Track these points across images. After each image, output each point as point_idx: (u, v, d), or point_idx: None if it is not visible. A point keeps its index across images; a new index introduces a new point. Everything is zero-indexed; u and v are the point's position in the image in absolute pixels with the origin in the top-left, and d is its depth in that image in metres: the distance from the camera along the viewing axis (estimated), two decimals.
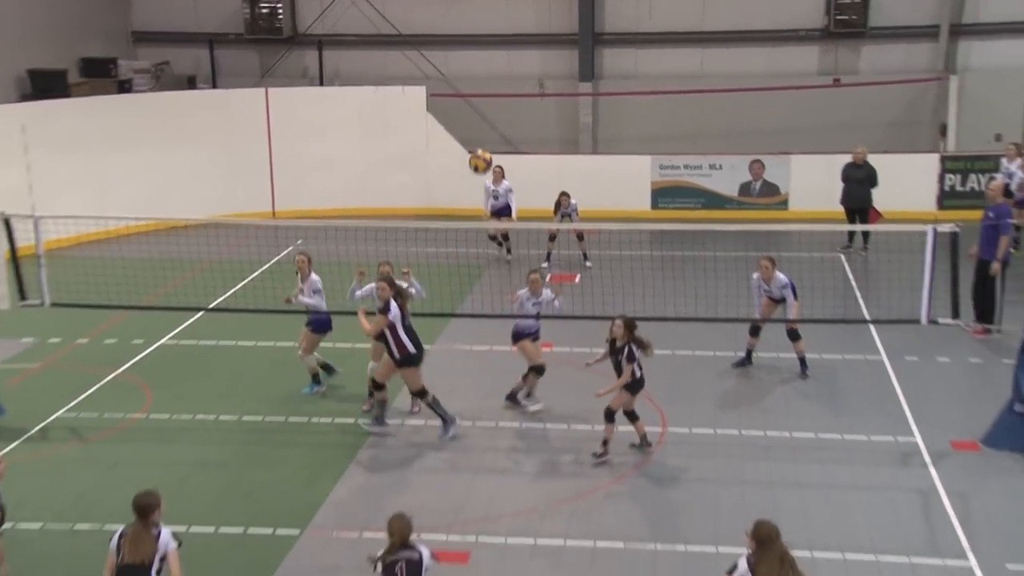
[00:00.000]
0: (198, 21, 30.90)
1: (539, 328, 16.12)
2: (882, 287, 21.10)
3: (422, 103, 28.28)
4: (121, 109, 26.71)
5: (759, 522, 9.07)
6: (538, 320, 15.99)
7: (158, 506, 9.57)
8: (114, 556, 9.57)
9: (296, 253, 16.56)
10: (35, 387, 17.19)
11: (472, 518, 12.92)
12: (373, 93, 28.37)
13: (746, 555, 8.97)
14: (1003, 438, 14.58)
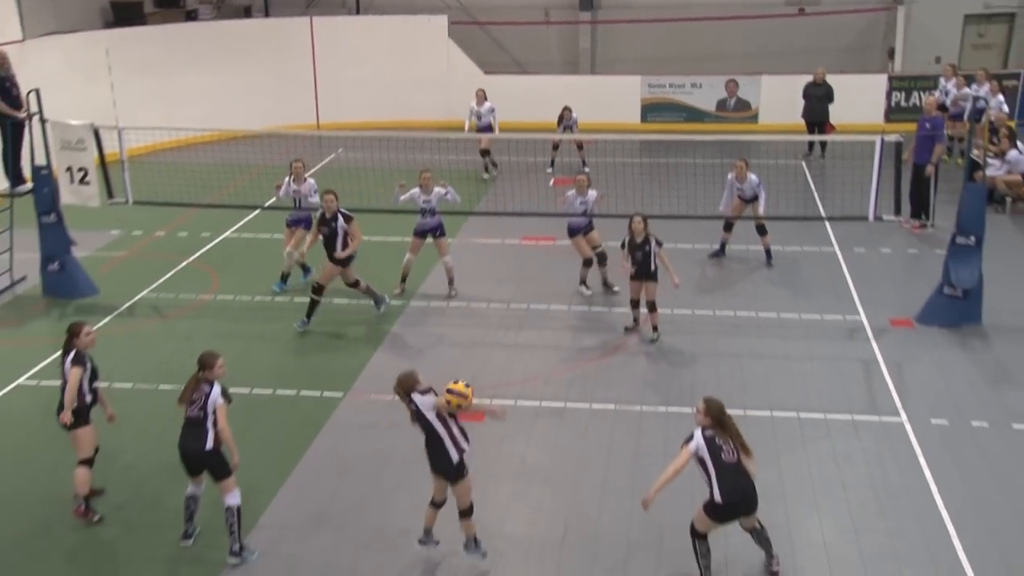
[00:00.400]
0: None
1: (588, 224, 16.06)
2: (836, 189, 21.01)
3: (444, 30, 28.09)
4: (188, 35, 26.63)
5: (710, 400, 9.16)
6: (587, 217, 15.93)
7: (212, 365, 9.66)
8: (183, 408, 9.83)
9: (309, 158, 16.62)
10: (122, 272, 17.43)
11: (487, 384, 13.04)
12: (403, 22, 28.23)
13: (700, 429, 9.03)
14: (933, 316, 14.84)
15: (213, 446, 9.54)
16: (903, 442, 11.72)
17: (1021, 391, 12.97)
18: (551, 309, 15.70)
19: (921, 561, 9.61)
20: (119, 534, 10.31)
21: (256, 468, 11.10)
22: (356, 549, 9.89)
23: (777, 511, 10.33)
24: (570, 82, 28.01)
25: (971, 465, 11.23)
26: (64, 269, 16.22)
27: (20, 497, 10.86)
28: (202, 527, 10.16)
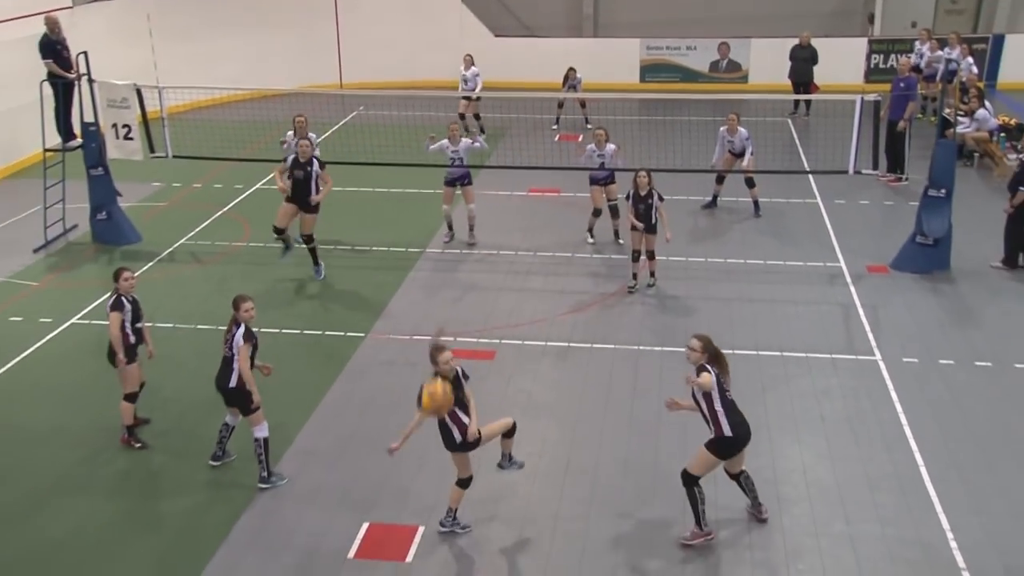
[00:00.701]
0: None
1: (608, 176, 15.79)
2: (819, 144, 20.79)
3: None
4: (223, 1, 26.24)
5: (704, 337, 8.78)
6: (604, 170, 15.66)
7: (239, 307, 9.52)
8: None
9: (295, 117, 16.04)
10: (163, 221, 17.33)
11: (497, 325, 13.14)
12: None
13: (706, 365, 8.62)
14: (907, 263, 14.76)
15: (236, 384, 9.50)
16: (877, 378, 11.68)
17: (983, 331, 12.91)
18: (556, 256, 15.58)
19: (890, 485, 9.64)
20: (163, 459, 10.36)
21: (285, 402, 11.12)
22: (376, 476, 9.87)
23: (762, 441, 10.27)
24: (574, 45, 27.67)
25: (937, 399, 11.22)
26: (111, 218, 16.17)
27: (73, 426, 10.87)
28: (239, 455, 10.15)
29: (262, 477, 9.67)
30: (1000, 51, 25.86)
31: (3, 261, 15.50)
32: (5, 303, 14.06)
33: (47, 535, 9.13)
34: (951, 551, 8.70)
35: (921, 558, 8.63)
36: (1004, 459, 10.07)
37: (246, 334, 9.47)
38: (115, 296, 10.20)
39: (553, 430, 10.73)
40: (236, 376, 9.48)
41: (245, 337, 9.45)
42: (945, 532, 8.92)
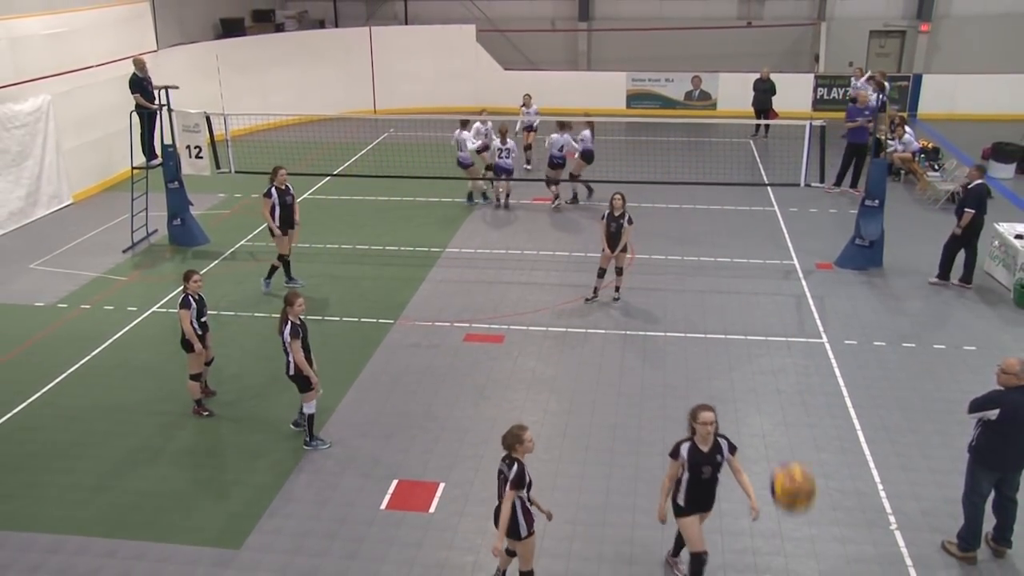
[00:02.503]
0: None
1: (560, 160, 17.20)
2: (776, 162, 20.83)
3: (472, 36, 27.50)
4: (278, 43, 26.15)
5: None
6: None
7: (292, 303, 9.21)
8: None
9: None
10: (227, 225, 17.21)
11: (505, 313, 13.03)
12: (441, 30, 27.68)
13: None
14: (848, 261, 14.64)
15: (294, 371, 9.32)
16: (823, 358, 11.58)
17: (909, 318, 12.79)
18: (556, 255, 15.43)
19: (833, 446, 9.60)
20: (227, 426, 10.29)
21: (327, 378, 10.98)
22: (403, 440, 9.79)
23: (728, 411, 10.22)
24: (571, 76, 27.56)
25: (872, 374, 11.14)
26: (184, 224, 16.06)
27: (154, 398, 10.80)
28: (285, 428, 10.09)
29: (305, 440, 9.68)
30: (919, 87, 25.70)
31: (98, 259, 15.43)
32: (100, 295, 13.99)
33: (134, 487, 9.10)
34: (881, 499, 8.71)
35: (856, 505, 8.64)
36: (925, 423, 10.02)
37: (292, 331, 9.17)
38: (184, 295, 10.06)
39: (553, 402, 10.63)
40: (293, 365, 9.27)
41: (292, 334, 9.17)
42: (876, 484, 8.92)
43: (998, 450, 7.61)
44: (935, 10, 26.99)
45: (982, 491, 7.80)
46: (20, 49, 17.50)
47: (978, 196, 13.30)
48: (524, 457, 6.89)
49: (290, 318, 9.19)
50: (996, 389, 7.63)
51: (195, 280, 10.11)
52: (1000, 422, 7.49)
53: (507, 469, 6.85)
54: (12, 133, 17.18)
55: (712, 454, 7.10)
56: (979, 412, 7.63)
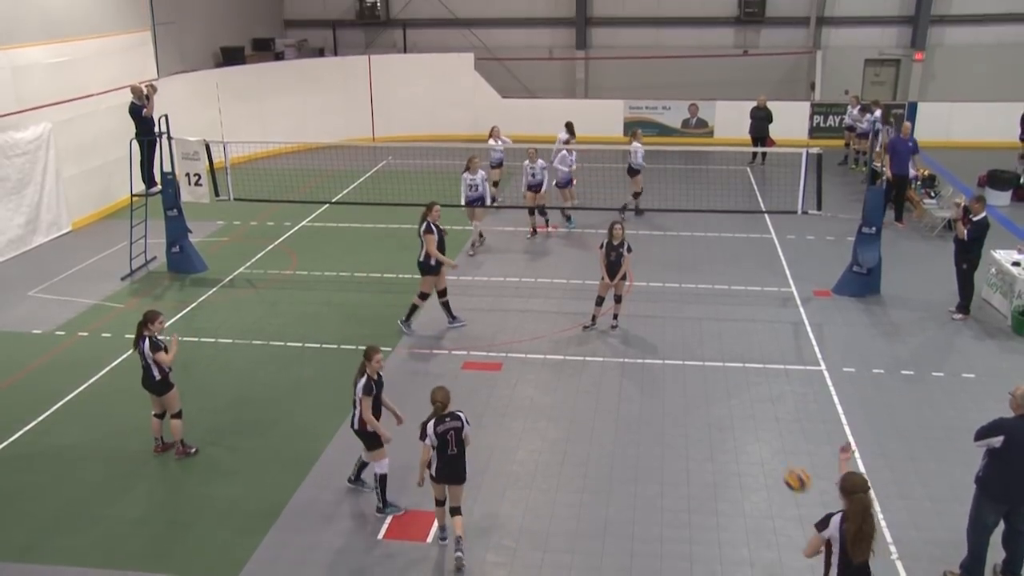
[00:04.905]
0: (326, 11, 30.16)
1: (538, 185, 17.28)
2: (773, 189, 20.92)
3: (471, 64, 27.63)
4: (277, 71, 26.27)
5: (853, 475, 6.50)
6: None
7: (372, 357, 8.64)
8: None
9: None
10: (225, 252, 17.21)
11: (504, 341, 13.02)
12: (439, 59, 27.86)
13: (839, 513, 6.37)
14: (845, 288, 14.63)
15: (359, 426, 8.78)
16: (822, 385, 11.56)
17: (907, 345, 12.79)
18: (553, 283, 15.43)
19: (832, 474, 9.18)
20: (225, 450, 10.22)
21: (328, 404, 11.03)
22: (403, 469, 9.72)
23: (727, 439, 10.22)
24: (569, 104, 27.57)
25: (871, 402, 11.11)
26: (183, 251, 16.08)
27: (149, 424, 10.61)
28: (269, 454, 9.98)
29: (378, 507, 8.99)
30: (915, 115, 25.86)
31: (97, 287, 15.43)
32: (98, 322, 13.98)
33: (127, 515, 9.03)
34: (882, 529, 8.58)
35: None
36: (924, 452, 9.98)
37: (366, 386, 8.64)
38: (149, 340, 9.66)
39: (551, 430, 10.60)
40: (357, 420, 8.76)
41: (366, 389, 8.63)
42: (876, 513, 8.68)
43: (1004, 480, 7.50)
44: (928, 39, 27.25)
45: (987, 522, 7.70)
46: (22, 78, 17.60)
47: (985, 229, 13.31)
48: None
49: (367, 373, 8.68)
50: (1003, 416, 7.56)
51: (161, 321, 9.84)
52: (1005, 450, 7.39)
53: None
54: (13, 161, 17.24)
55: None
56: (984, 440, 7.52)
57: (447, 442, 8.04)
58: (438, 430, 8.00)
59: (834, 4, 27.85)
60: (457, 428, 8.05)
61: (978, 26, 27.13)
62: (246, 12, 28.12)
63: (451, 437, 8.04)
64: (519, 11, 29.44)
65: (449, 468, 8.13)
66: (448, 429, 8.02)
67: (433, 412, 8.07)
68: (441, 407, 8.04)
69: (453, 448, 8.06)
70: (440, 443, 8.04)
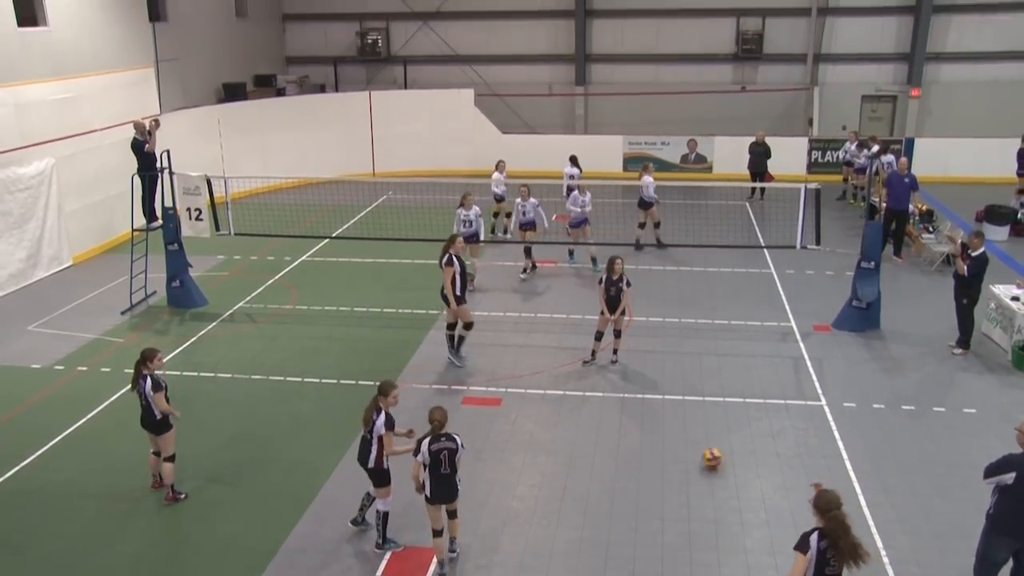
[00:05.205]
0: (327, 48, 30.50)
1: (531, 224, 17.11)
2: (772, 224, 21.01)
3: (471, 100, 27.90)
4: (279, 107, 26.48)
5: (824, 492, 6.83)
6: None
7: (389, 392, 8.67)
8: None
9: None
10: (225, 287, 17.23)
11: (503, 376, 13.01)
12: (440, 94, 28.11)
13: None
14: (845, 323, 14.64)
15: (375, 465, 8.75)
16: (822, 420, 11.53)
17: (908, 380, 12.78)
18: (553, 318, 15.44)
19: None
20: (221, 488, 10.16)
21: (323, 442, 11.00)
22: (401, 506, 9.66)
23: (728, 475, 10.19)
24: (568, 140, 27.67)
25: (872, 437, 11.08)
26: (183, 286, 16.10)
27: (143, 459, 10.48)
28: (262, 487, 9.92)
29: (377, 543, 8.96)
30: (912, 150, 26.06)
31: (97, 321, 15.44)
32: (97, 357, 13.98)
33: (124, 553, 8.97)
34: (884, 565, 8.56)
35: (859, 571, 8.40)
36: (926, 487, 9.94)
37: (388, 422, 8.63)
38: (151, 378, 9.57)
39: (551, 465, 10.55)
40: (374, 458, 8.71)
41: (388, 425, 8.62)
42: (879, 549, 8.77)
43: (1017, 517, 7.38)
44: (924, 76, 27.54)
45: (996, 560, 7.61)
46: (26, 114, 17.76)
47: (984, 264, 13.34)
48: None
49: (383, 408, 8.68)
50: (1012, 452, 7.49)
51: (160, 359, 9.79)
52: (1017, 486, 7.29)
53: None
54: (15, 196, 17.35)
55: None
56: (995, 477, 7.44)
57: (440, 461, 8.20)
58: (432, 448, 8.16)
59: (831, 41, 28.20)
60: (451, 449, 8.21)
61: (973, 63, 27.48)
62: (248, 49, 28.45)
63: (444, 457, 8.20)
64: (519, 48, 29.79)
65: (441, 487, 8.30)
66: (442, 448, 8.18)
67: (430, 430, 8.22)
68: (438, 426, 8.20)
69: (446, 468, 8.23)
70: (432, 461, 8.19)
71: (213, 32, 26.23)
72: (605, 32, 29.31)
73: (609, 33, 29.28)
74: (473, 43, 29.91)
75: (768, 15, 28.08)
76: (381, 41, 30.09)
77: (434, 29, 30.00)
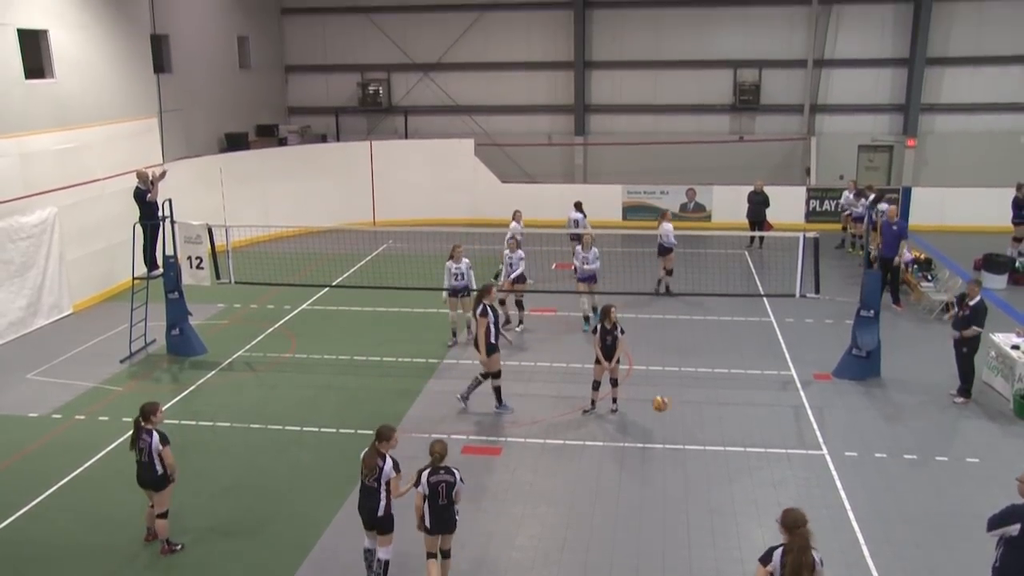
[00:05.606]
0: (329, 98, 30.91)
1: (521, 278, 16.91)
2: (771, 273, 21.09)
3: (471, 149, 28.15)
4: (280, 156, 26.71)
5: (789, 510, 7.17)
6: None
7: (389, 437, 8.64)
8: (361, 476, 8.74)
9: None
10: (225, 335, 17.24)
11: (503, 425, 12.98)
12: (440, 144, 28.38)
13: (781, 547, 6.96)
14: (846, 371, 14.63)
15: (385, 512, 8.66)
16: (824, 470, 11.47)
17: (909, 428, 12.73)
18: (553, 366, 15.43)
19: (836, 562, 9.32)
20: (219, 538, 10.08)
21: (322, 491, 10.91)
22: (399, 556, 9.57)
23: (729, 525, 10.10)
24: (567, 189, 27.90)
25: (875, 487, 11.00)
26: (183, 334, 16.12)
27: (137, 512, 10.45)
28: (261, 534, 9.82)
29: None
30: (909, 200, 26.29)
31: (95, 369, 15.43)
32: (95, 405, 13.95)
33: None
34: None
35: None
36: (930, 537, 9.86)
37: (396, 465, 8.63)
38: (159, 433, 9.51)
39: (551, 515, 10.47)
40: (384, 506, 8.62)
41: (397, 468, 8.62)
42: None
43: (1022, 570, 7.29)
44: (920, 126, 27.89)
45: None
46: (30, 164, 17.93)
47: (984, 313, 13.37)
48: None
49: (385, 453, 8.62)
50: (1015, 503, 7.44)
51: (160, 412, 9.74)
52: (1022, 538, 7.23)
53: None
54: (17, 244, 17.44)
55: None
56: (999, 529, 7.38)
57: (438, 493, 8.43)
58: (431, 480, 8.41)
59: (827, 92, 28.60)
60: (449, 482, 8.44)
61: (967, 114, 27.87)
62: (251, 99, 28.86)
63: (442, 489, 8.43)
64: (519, 99, 30.19)
65: (439, 518, 8.51)
66: (440, 481, 8.42)
67: (430, 462, 8.47)
68: (438, 458, 8.46)
69: (443, 499, 8.45)
70: (431, 493, 8.43)
71: (216, 83, 26.60)
72: (604, 83, 29.74)
73: (608, 84, 29.71)
74: (473, 94, 30.31)
75: (765, 67, 28.53)
76: (382, 92, 30.51)
77: (435, 80, 30.43)
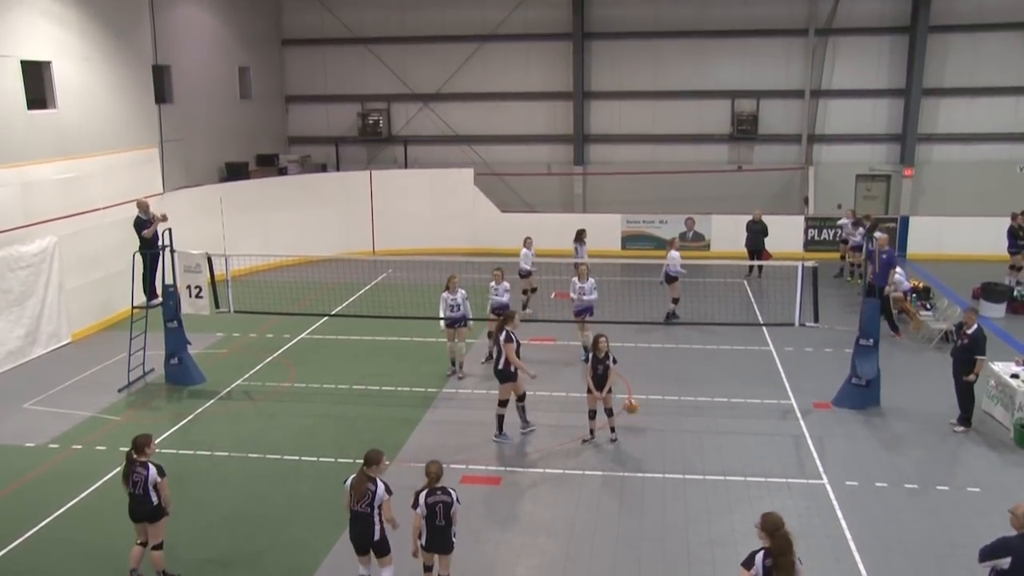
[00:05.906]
0: (328, 128, 31.09)
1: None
2: (770, 302, 21.12)
3: (470, 179, 28.27)
4: (280, 185, 26.83)
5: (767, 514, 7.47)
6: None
7: (378, 461, 8.66)
8: (347, 498, 8.74)
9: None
10: (224, 364, 17.23)
11: (502, 455, 12.95)
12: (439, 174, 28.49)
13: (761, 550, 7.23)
14: (845, 400, 14.62)
15: (381, 536, 8.71)
16: (824, 499, 11.43)
17: (910, 458, 12.71)
18: (552, 396, 15.36)
19: None
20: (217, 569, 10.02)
21: (321, 520, 10.85)
22: None
23: (729, 555, 10.02)
24: (567, 218, 27.96)
25: (875, 517, 10.97)
26: (182, 363, 16.11)
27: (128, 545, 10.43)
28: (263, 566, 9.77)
29: None
30: (907, 229, 26.38)
31: (93, 399, 15.41)
32: (93, 435, 13.91)
33: None
34: None
35: None
36: (931, 567, 9.81)
37: (387, 488, 8.66)
38: (157, 466, 9.46)
39: (551, 545, 10.42)
40: (379, 530, 8.66)
41: (388, 491, 8.64)
42: None
43: None
44: (917, 156, 28.06)
45: None
46: (31, 193, 18.03)
47: (983, 340, 13.38)
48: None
49: (376, 477, 8.67)
50: (1006, 536, 7.43)
51: (152, 444, 9.71)
52: (1014, 571, 7.21)
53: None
54: (17, 274, 17.48)
55: None
56: (990, 561, 7.37)
57: (435, 513, 8.55)
58: (428, 501, 8.53)
59: (824, 122, 28.83)
60: (446, 503, 8.57)
61: (964, 144, 28.08)
62: (251, 129, 29.04)
63: (439, 510, 8.55)
64: (518, 128, 30.40)
65: (436, 538, 8.63)
66: (437, 501, 8.55)
67: (426, 483, 8.59)
68: (434, 479, 8.58)
69: (441, 520, 8.57)
70: (428, 513, 8.55)
71: (217, 113, 26.78)
72: (603, 113, 29.96)
73: (607, 114, 29.94)
74: (473, 123, 30.52)
75: (762, 97, 28.76)
76: (382, 121, 30.73)
77: (434, 110, 30.64)
